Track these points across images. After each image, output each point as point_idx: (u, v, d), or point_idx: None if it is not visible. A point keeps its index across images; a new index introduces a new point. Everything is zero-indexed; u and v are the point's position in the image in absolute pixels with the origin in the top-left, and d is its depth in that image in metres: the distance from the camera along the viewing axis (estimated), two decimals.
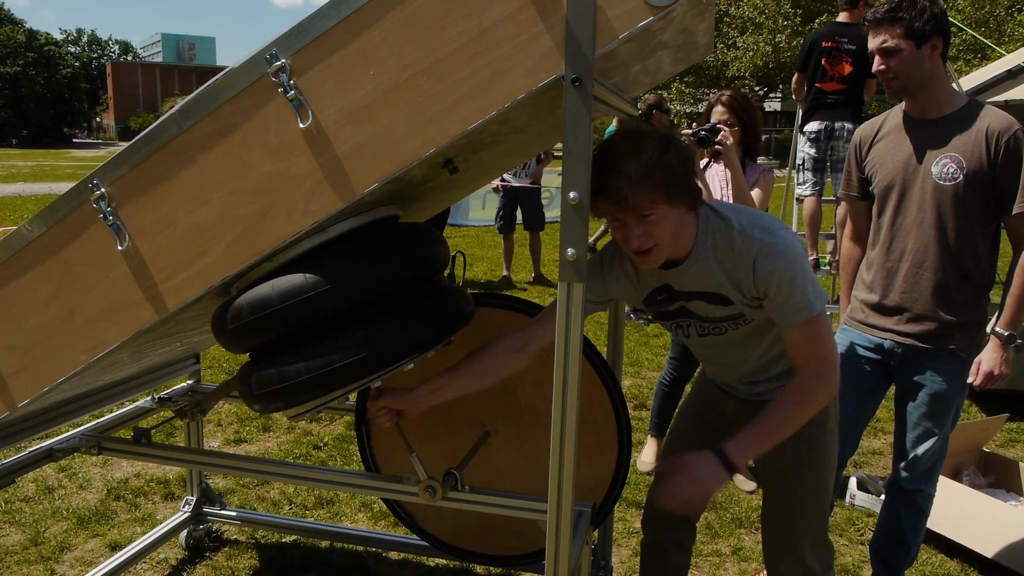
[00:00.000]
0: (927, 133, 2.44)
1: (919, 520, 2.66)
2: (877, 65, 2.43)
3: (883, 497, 3.46)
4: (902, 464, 2.63)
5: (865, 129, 2.65)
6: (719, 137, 3.39)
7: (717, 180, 3.59)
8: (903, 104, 2.54)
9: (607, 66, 1.54)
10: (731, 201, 3.51)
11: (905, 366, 2.55)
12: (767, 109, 43.57)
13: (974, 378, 2.44)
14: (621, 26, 1.36)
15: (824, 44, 5.61)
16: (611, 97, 1.74)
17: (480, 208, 12.95)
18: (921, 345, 2.49)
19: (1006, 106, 3.56)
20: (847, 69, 5.58)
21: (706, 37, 1.72)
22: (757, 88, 32.59)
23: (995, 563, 2.97)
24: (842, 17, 5.69)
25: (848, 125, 5.61)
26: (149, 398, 2.76)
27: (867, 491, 3.50)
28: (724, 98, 3.54)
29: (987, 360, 2.41)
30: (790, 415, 1.75)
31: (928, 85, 2.41)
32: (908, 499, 2.64)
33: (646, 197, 1.62)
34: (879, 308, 2.58)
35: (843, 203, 3.63)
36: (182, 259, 1.65)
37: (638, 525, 3.29)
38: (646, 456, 3.90)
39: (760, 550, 3.12)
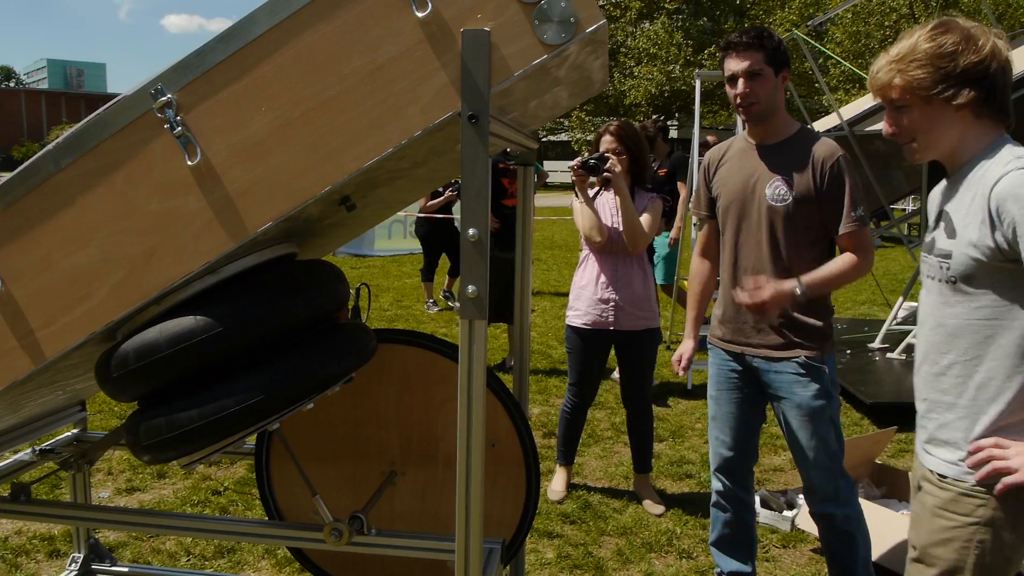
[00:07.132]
0: (764, 157, 2.62)
1: (852, 544, 2.66)
2: (741, 88, 2.52)
3: (786, 513, 3.58)
4: (807, 494, 2.73)
5: (713, 152, 2.81)
6: (608, 165, 3.48)
7: (607, 207, 3.67)
8: (747, 130, 2.71)
9: (504, 102, 1.55)
10: (620, 227, 3.59)
11: (766, 378, 2.66)
12: None
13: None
14: (516, 64, 1.37)
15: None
16: (509, 132, 1.75)
17: (386, 238, 12.84)
18: (772, 355, 2.62)
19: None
20: None
21: (601, 73, 1.76)
22: (655, 116, 33.74)
23: (885, 568, 3.08)
24: None
25: None
26: (30, 450, 2.58)
27: (770, 508, 3.60)
28: (612, 128, 3.65)
29: (769, 289, 2.43)
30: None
31: (776, 112, 2.60)
32: (827, 525, 2.70)
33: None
34: (730, 323, 2.72)
35: None
36: (62, 304, 1.56)
37: (551, 555, 3.28)
38: (556, 485, 3.90)
39: (670, 575, 3.15)
